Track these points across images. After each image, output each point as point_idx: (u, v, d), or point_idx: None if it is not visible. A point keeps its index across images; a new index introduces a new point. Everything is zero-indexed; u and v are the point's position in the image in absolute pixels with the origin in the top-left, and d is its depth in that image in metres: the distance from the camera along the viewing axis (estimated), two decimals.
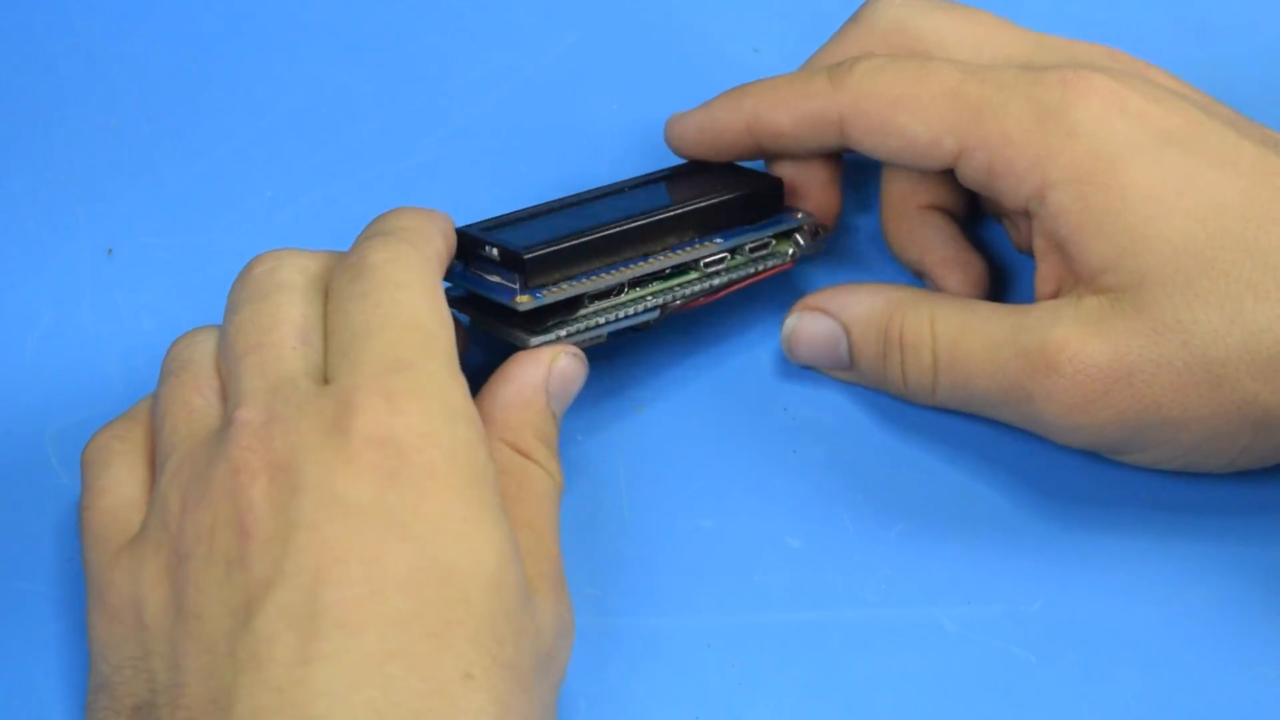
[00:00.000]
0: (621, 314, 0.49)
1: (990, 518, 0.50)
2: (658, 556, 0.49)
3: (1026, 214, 0.48)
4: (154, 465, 0.45)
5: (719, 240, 0.51)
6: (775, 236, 0.52)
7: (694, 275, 0.51)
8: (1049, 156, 0.46)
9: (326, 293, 0.46)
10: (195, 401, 0.45)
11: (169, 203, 0.56)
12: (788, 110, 0.51)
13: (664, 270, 0.50)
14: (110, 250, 0.55)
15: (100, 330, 0.54)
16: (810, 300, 0.52)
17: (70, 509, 0.49)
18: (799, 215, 0.52)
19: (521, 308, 0.48)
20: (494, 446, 0.46)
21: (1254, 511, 0.50)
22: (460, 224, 0.50)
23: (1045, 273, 0.49)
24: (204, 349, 0.46)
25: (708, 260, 0.50)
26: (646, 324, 0.50)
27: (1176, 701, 0.47)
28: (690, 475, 0.51)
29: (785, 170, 0.53)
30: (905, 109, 0.48)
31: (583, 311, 0.49)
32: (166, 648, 0.41)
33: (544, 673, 0.43)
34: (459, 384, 0.44)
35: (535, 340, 0.48)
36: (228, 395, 0.44)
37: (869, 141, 0.50)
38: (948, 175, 0.51)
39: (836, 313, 0.51)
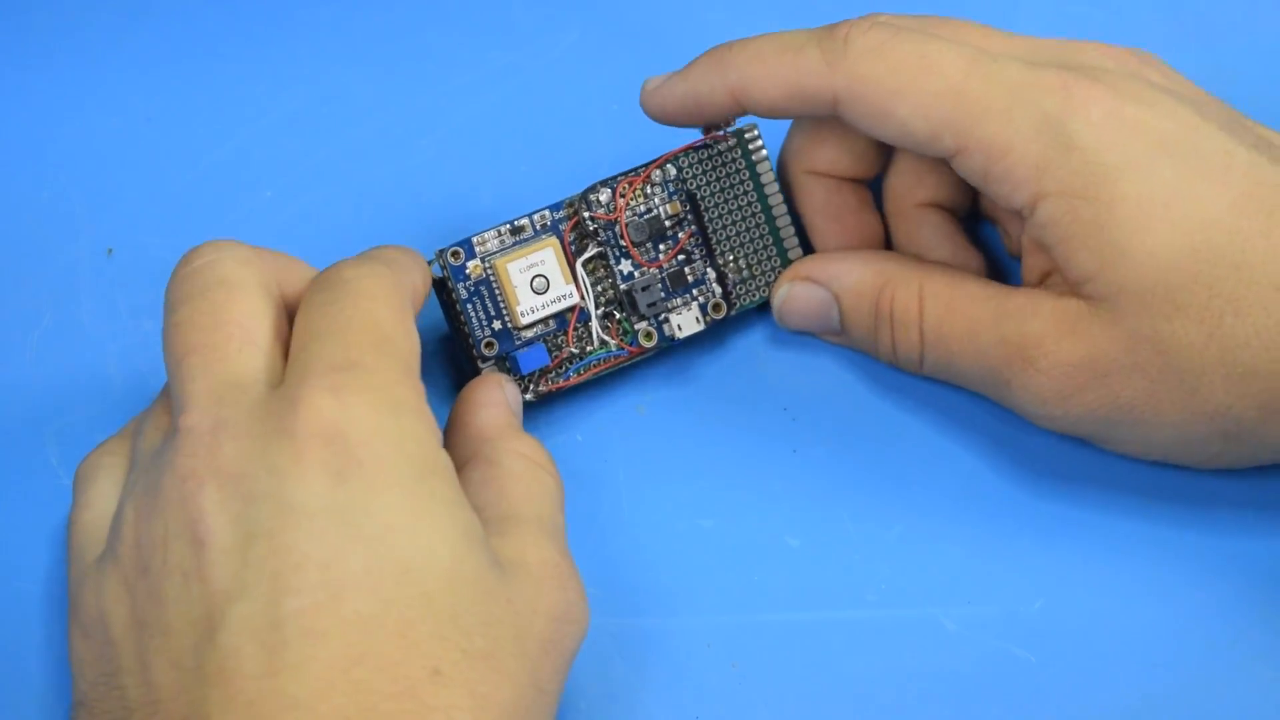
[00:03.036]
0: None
1: (990, 518, 0.50)
2: (658, 556, 0.49)
3: (1019, 214, 0.48)
4: None
5: None
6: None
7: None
8: (1045, 168, 0.46)
9: (284, 298, 0.45)
10: (165, 419, 0.45)
11: (169, 203, 0.56)
12: (778, 85, 0.48)
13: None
14: (110, 250, 0.55)
15: (100, 330, 0.54)
16: (801, 269, 0.52)
17: (68, 509, 0.49)
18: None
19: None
20: (511, 460, 0.46)
21: (1254, 512, 0.50)
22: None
23: (1031, 265, 0.49)
24: None
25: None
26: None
27: (1177, 701, 0.47)
28: (690, 475, 0.51)
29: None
30: (905, 102, 0.47)
31: None
32: (135, 664, 0.41)
33: (538, 658, 0.42)
34: (412, 384, 0.43)
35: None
36: (172, 401, 0.43)
37: (864, 124, 0.48)
38: (948, 171, 0.51)
39: (827, 282, 0.51)
